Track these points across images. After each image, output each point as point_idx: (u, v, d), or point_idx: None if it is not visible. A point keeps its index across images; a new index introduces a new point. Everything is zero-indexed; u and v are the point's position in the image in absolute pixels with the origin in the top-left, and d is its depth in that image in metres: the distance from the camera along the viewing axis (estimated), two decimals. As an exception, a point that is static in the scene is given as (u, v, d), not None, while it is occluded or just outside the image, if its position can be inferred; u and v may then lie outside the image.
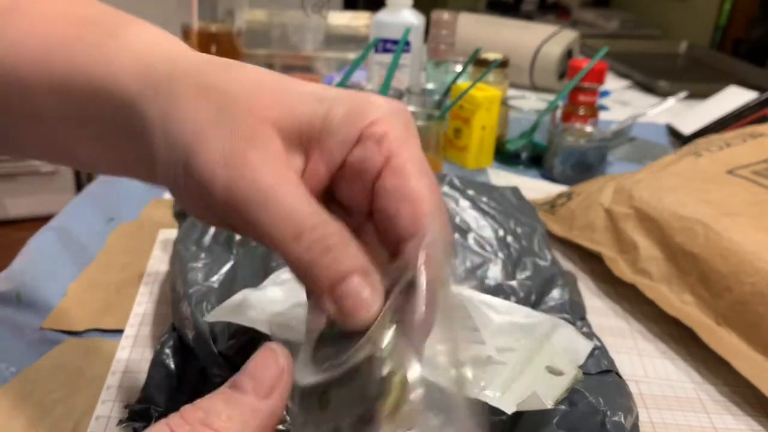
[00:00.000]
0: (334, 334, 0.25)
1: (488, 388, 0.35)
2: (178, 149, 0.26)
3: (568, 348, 0.41)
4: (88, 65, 0.28)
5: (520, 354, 0.39)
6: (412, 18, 0.95)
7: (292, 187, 0.24)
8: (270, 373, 0.23)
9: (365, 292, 0.23)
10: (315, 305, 0.25)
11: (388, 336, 0.24)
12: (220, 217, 0.26)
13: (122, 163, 0.31)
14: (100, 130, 0.30)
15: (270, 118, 0.25)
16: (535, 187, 0.80)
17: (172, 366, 0.42)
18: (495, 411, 0.37)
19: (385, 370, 0.23)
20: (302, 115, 0.26)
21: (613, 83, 1.29)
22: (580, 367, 0.40)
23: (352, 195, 0.27)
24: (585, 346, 0.42)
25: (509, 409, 0.34)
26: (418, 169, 0.26)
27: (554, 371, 0.38)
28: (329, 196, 0.28)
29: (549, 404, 0.35)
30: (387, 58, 0.93)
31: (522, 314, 0.44)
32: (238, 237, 0.47)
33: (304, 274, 0.24)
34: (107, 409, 0.42)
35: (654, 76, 1.28)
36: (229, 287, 0.43)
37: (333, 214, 0.26)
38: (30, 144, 0.33)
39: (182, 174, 0.26)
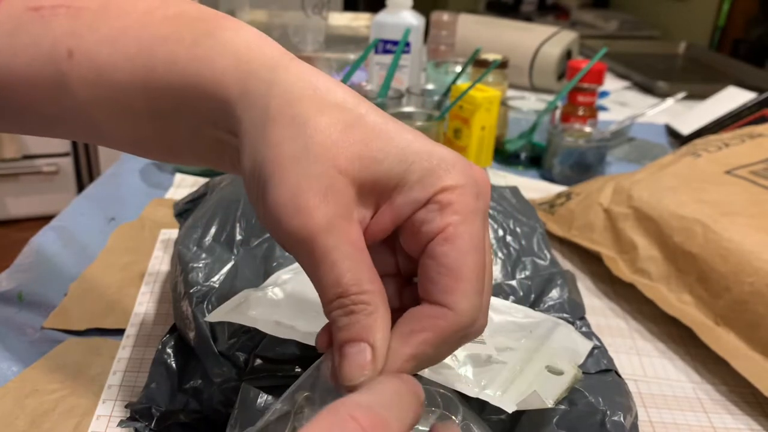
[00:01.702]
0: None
1: (488, 388, 0.35)
2: (260, 171, 0.27)
3: (568, 347, 0.41)
4: (190, 64, 0.29)
5: (520, 354, 0.39)
6: (412, 19, 0.95)
7: (348, 250, 0.26)
8: None
9: (363, 359, 0.26)
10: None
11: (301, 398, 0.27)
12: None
13: (210, 155, 0.32)
14: (194, 125, 0.31)
15: (349, 173, 0.27)
16: (534, 187, 0.81)
17: (173, 366, 0.42)
18: (495, 410, 0.37)
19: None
20: (380, 172, 0.27)
21: (612, 84, 1.29)
22: (580, 366, 0.41)
23: (406, 245, 0.29)
24: (584, 346, 0.42)
25: (509, 408, 0.34)
26: (472, 245, 0.27)
27: (554, 371, 0.38)
28: (388, 238, 0.29)
29: (549, 403, 0.35)
30: (387, 58, 0.94)
31: (521, 314, 0.44)
32: (239, 237, 0.47)
33: (330, 323, 0.27)
34: (108, 409, 0.43)
35: (653, 76, 1.28)
36: (229, 287, 0.43)
37: (386, 255, 0.30)
38: (115, 137, 0.33)
39: (260, 193, 0.27)
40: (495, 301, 0.45)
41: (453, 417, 0.35)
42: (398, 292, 0.31)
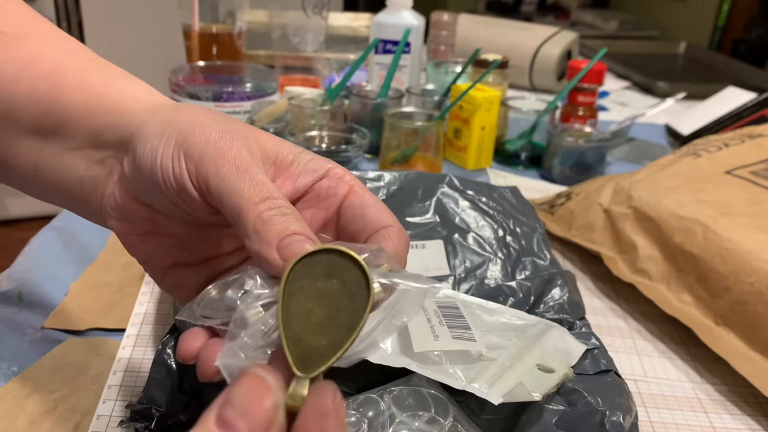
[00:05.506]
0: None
1: (476, 381, 0.35)
2: (176, 133, 0.30)
3: (560, 349, 0.41)
4: (98, 87, 0.34)
5: (511, 351, 0.39)
6: (412, 19, 0.95)
7: (264, 171, 0.30)
8: (263, 410, 0.22)
9: (308, 246, 0.28)
10: (257, 260, 0.29)
11: None
12: (181, 194, 0.30)
13: (81, 180, 0.34)
14: (76, 144, 0.33)
15: (257, 140, 0.32)
16: (534, 187, 0.81)
17: (174, 366, 0.42)
18: (494, 410, 0.37)
19: None
20: (281, 148, 0.33)
21: (611, 84, 1.29)
22: (578, 367, 0.41)
23: (316, 215, 0.33)
24: (577, 349, 0.42)
25: (495, 400, 0.34)
26: (375, 198, 0.33)
27: (545, 368, 0.38)
28: None
29: (536, 396, 0.35)
30: (387, 59, 0.94)
31: (515, 317, 0.44)
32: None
33: (258, 230, 0.28)
34: (108, 409, 0.43)
35: (653, 76, 1.28)
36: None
37: None
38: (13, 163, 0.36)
39: (178, 151, 0.30)
40: (489, 304, 0.46)
41: (441, 419, 0.35)
42: None
